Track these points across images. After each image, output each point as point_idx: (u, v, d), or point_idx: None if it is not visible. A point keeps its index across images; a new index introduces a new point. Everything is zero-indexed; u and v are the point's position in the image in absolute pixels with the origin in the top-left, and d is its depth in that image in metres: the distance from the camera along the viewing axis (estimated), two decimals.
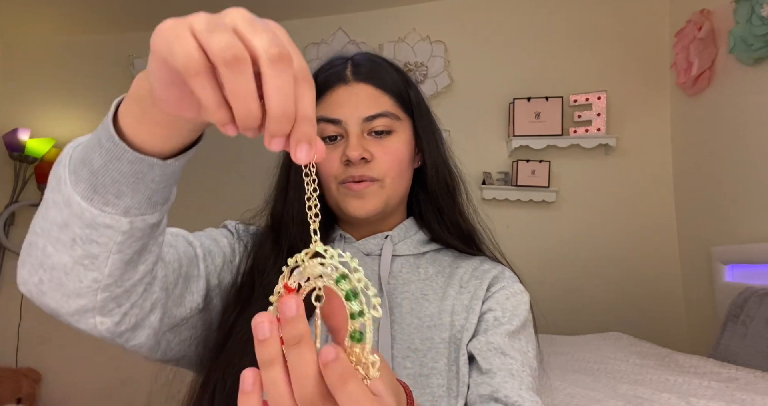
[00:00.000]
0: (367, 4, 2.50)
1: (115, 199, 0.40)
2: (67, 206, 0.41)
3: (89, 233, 0.41)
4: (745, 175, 1.70)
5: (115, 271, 0.44)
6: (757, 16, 1.57)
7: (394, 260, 0.68)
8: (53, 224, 0.42)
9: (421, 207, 0.73)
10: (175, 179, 0.43)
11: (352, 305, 0.30)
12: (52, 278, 0.45)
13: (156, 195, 0.42)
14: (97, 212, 0.40)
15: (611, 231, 2.16)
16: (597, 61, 2.23)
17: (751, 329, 1.41)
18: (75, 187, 0.40)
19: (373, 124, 0.65)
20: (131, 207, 0.41)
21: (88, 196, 0.40)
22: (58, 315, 0.49)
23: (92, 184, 0.40)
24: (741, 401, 1.00)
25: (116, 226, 0.41)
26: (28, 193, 2.68)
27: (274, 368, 0.28)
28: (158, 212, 0.44)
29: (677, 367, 1.33)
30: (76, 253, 0.42)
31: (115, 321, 0.48)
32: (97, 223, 0.41)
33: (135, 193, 0.40)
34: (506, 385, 0.55)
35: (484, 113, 2.34)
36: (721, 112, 1.83)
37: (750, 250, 1.62)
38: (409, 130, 0.69)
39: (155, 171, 0.40)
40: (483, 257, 0.72)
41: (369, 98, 0.66)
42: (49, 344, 2.58)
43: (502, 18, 2.38)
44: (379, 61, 0.71)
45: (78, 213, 0.40)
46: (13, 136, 2.59)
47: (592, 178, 2.20)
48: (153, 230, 0.45)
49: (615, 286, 2.12)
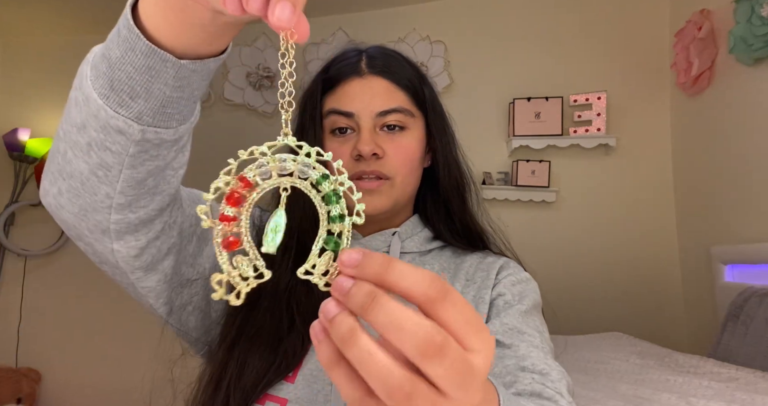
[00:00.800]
0: (367, 4, 2.50)
1: (129, 100, 0.40)
2: (86, 103, 0.41)
3: (104, 137, 0.41)
4: (745, 175, 1.70)
5: (127, 189, 0.44)
6: (757, 16, 1.57)
7: (402, 257, 0.66)
8: (73, 125, 0.43)
9: (427, 206, 0.71)
10: (190, 93, 0.42)
11: (333, 208, 0.28)
12: (70, 188, 0.45)
13: (171, 106, 0.42)
14: (111, 112, 0.40)
15: (611, 231, 2.15)
16: (597, 61, 2.23)
17: (751, 329, 1.41)
18: (94, 84, 0.40)
19: (387, 119, 0.63)
20: (144, 112, 0.41)
21: (105, 94, 0.40)
22: (78, 235, 0.49)
23: (109, 79, 0.40)
24: (741, 401, 1.00)
25: (129, 132, 0.41)
26: (28, 193, 2.68)
27: (335, 370, 0.25)
28: (173, 129, 0.43)
29: (677, 367, 1.33)
30: (92, 159, 0.43)
31: (131, 254, 0.49)
32: (110, 125, 0.41)
33: (149, 96, 0.40)
34: (532, 354, 0.54)
35: (484, 113, 2.34)
36: (721, 112, 1.83)
37: (750, 250, 1.62)
38: (422, 127, 0.68)
39: (168, 70, 0.39)
40: (486, 250, 0.71)
41: (383, 92, 0.64)
42: (49, 344, 2.58)
43: (502, 18, 2.38)
44: (393, 54, 0.69)
45: (95, 112, 0.41)
46: (13, 136, 2.59)
47: (592, 178, 2.20)
48: (167, 151, 0.44)
49: (615, 286, 2.12)
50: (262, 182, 0.29)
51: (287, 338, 0.56)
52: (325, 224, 0.28)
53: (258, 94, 2.58)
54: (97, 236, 0.47)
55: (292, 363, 0.56)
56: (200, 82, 0.42)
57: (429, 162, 0.71)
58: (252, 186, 0.29)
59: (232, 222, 0.29)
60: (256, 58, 2.56)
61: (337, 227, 0.28)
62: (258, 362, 0.54)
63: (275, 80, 2.55)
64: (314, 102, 0.65)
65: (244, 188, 0.29)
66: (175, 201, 0.51)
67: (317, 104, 0.65)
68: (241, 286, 0.28)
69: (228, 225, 0.29)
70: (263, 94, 2.58)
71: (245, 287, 0.28)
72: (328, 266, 0.28)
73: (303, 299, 0.58)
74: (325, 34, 2.51)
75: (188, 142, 0.48)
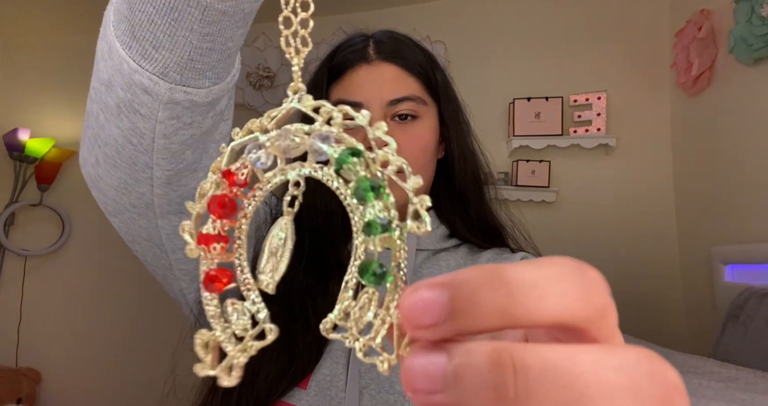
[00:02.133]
0: (366, 4, 2.50)
1: (153, 51, 0.35)
2: (110, 55, 0.37)
3: (131, 97, 0.37)
4: (745, 175, 1.70)
5: (162, 162, 0.39)
6: (757, 16, 1.57)
7: (417, 254, 0.62)
8: (102, 82, 0.39)
9: (441, 200, 0.66)
10: (222, 44, 0.36)
11: (369, 209, 0.16)
12: (107, 157, 0.40)
13: (200, 60, 0.36)
14: (134, 66, 0.36)
15: (611, 231, 2.15)
16: (597, 61, 2.23)
17: (751, 329, 1.41)
18: (116, 30, 0.36)
19: (398, 108, 0.59)
20: (169, 67, 0.36)
21: (128, 43, 0.36)
22: (117, 210, 0.44)
23: (130, 23, 0.35)
24: (741, 401, 1.00)
25: (155, 91, 0.36)
26: (28, 193, 2.67)
27: None
28: (205, 90, 0.37)
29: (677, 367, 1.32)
30: (124, 124, 0.38)
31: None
32: (134, 82, 0.36)
33: (173, 46, 0.35)
34: None
35: (484, 113, 2.34)
36: (721, 112, 1.83)
37: (750, 250, 1.62)
38: (435, 116, 0.63)
39: (193, 11, 0.34)
40: (504, 247, 0.67)
41: (394, 79, 0.59)
42: (49, 344, 2.58)
43: (502, 18, 2.38)
44: (402, 38, 0.64)
45: (118, 65, 0.36)
46: (13, 136, 2.59)
47: (592, 178, 2.20)
48: (202, 117, 0.39)
49: (615, 286, 2.08)
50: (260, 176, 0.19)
51: (302, 342, 0.52)
52: (360, 236, 0.17)
53: (258, 94, 2.58)
54: (141, 210, 0.43)
55: (306, 369, 0.52)
56: (233, 30, 0.36)
57: (443, 153, 0.66)
58: (245, 184, 0.19)
59: (217, 245, 0.19)
60: (256, 58, 2.56)
61: (378, 242, 0.16)
62: (271, 367, 0.50)
63: (275, 80, 2.56)
64: (319, 92, 0.61)
65: (233, 189, 0.19)
66: None
67: (323, 95, 0.61)
68: (233, 354, 0.18)
69: (212, 251, 0.19)
70: (263, 94, 2.58)
71: (241, 357, 0.18)
72: (380, 325, 0.16)
73: (318, 300, 0.53)
74: (325, 34, 2.51)
75: (229, 109, 0.43)
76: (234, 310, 0.18)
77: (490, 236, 0.66)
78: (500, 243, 0.67)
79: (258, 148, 0.19)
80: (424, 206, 0.16)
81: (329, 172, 0.17)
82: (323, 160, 0.17)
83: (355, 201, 0.17)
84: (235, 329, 0.18)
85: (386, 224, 0.16)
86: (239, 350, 0.18)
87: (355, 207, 0.17)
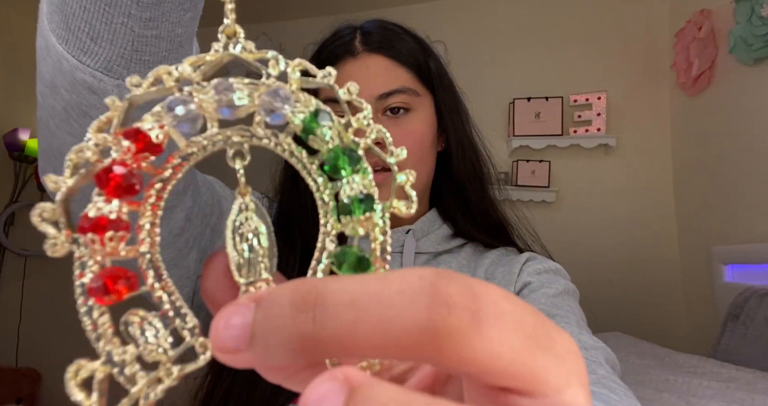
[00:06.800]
0: (366, 4, 2.50)
1: (92, 44, 0.31)
2: (48, 53, 0.33)
3: (77, 99, 0.32)
4: (745, 174, 1.70)
5: None
6: (757, 16, 1.57)
7: (417, 257, 0.59)
8: (45, 85, 0.34)
9: (443, 196, 0.63)
10: (169, 30, 0.32)
11: (344, 186, 0.13)
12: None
13: (146, 50, 0.31)
14: (75, 62, 0.31)
15: (611, 231, 2.15)
16: (597, 61, 2.23)
17: (751, 329, 1.41)
18: (50, 22, 0.32)
19: (388, 102, 0.56)
20: (113, 60, 0.31)
21: (63, 36, 0.31)
22: None
23: (63, 13, 0.30)
24: (741, 401, 1.00)
25: (100, 89, 0.32)
26: (28, 193, 2.67)
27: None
28: None
29: (677, 367, 1.33)
30: (75, 130, 0.34)
31: None
32: (77, 80, 0.32)
33: (113, 35, 0.30)
34: (564, 327, 0.47)
35: (484, 113, 2.33)
36: (721, 112, 1.83)
37: (750, 250, 1.62)
38: (430, 107, 0.60)
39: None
40: (510, 246, 0.63)
41: (382, 72, 0.57)
42: (49, 344, 2.58)
43: (502, 18, 2.38)
44: (392, 27, 0.61)
45: (57, 63, 0.32)
46: (13, 136, 2.59)
47: (592, 178, 2.20)
48: None
49: (615, 285, 2.11)
50: (183, 141, 0.13)
51: None
52: (331, 219, 0.13)
53: None
54: None
55: None
56: (179, 13, 0.31)
57: (443, 145, 0.63)
58: (159, 149, 0.13)
59: (115, 235, 0.13)
60: None
61: (352, 226, 0.13)
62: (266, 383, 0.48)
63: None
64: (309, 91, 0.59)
65: (140, 156, 0.13)
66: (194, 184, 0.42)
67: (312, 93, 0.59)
68: (140, 390, 0.13)
69: (106, 245, 0.13)
70: None
71: (152, 392, 0.13)
72: None
73: None
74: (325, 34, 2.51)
75: None
76: (140, 326, 0.13)
77: (495, 231, 0.63)
78: (506, 240, 0.64)
79: (182, 103, 0.13)
80: (410, 180, 0.13)
81: (287, 141, 0.13)
82: (277, 123, 0.14)
83: (323, 179, 0.13)
84: (143, 351, 0.13)
85: (362, 200, 0.13)
86: (150, 382, 0.12)
87: (323, 184, 0.13)
